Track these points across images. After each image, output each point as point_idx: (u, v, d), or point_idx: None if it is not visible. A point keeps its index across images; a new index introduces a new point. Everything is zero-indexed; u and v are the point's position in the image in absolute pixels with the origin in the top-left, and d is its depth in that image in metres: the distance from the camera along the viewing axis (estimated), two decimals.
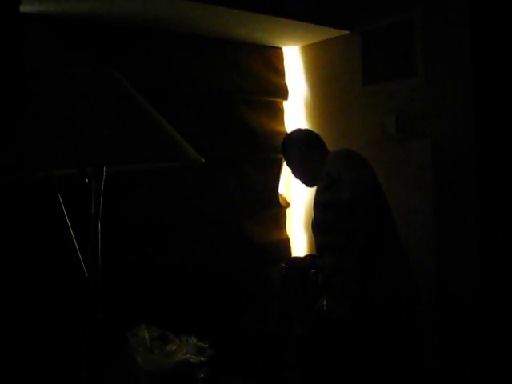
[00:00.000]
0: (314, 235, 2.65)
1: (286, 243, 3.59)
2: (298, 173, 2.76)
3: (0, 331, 2.19)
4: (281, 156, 3.54)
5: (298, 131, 2.85)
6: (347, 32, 3.26)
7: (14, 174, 1.55)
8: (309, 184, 2.76)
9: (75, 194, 1.61)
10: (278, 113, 3.59)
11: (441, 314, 2.85)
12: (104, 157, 1.36)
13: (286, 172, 3.60)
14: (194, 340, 2.40)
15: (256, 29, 3.10)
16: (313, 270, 2.82)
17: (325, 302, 2.51)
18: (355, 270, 2.30)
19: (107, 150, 1.35)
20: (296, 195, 3.64)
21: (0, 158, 1.39)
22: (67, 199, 1.59)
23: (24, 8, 2.21)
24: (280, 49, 3.59)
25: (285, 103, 3.62)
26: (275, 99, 3.56)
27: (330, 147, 2.76)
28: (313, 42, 3.47)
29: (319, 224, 2.55)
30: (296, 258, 3.44)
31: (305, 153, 2.69)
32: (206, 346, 2.37)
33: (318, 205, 2.55)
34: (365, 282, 2.28)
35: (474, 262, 2.73)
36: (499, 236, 2.72)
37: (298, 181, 2.80)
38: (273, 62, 3.54)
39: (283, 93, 3.58)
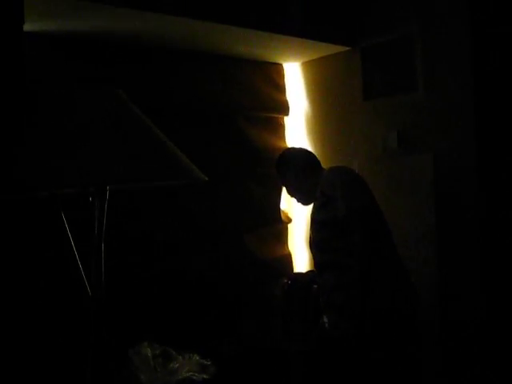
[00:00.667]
0: (312, 253, 2.64)
1: (287, 259, 3.58)
2: (293, 193, 2.74)
3: (6, 350, 2.18)
4: None
5: (294, 152, 2.81)
6: (347, 48, 3.28)
7: (19, 192, 1.55)
8: (304, 203, 2.74)
9: (79, 212, 1.61)
10: (279, 128, 3.60)
11: (444, 323, 2.84)
12: (107, 176, 1.37)
13: None
14: (196, 357, 2.40)
15: (256, 45, 3.12)
16: (315, 286, 2.82)
17: (326, 319, 2.50)
18: (355, 286, 2.30)
19: (110, 170, 1.36)
20: (297, 211, 3.64)
21: (4, 177, 1.40)
22: (71, 217, 1.59)
23: (27, 27, 2.23)
24: (280, 65, 3.61)
25: (286, 119, 3.64)
26: (276, 115, 3.57)
27: (331, 163, 2.76)
28: (313, 58, 3.49)
29: (316, 242, 2.55)
30: (298, 273, 3.43)
31: (300, 177, 2.66)
32: (209, 363, 2.37)
33: (315, 223, 2.54)
34: (365, 297, 2.28)
35: (477, 279, 2.73)
36: (504, 249, 2.72)
37: (294, 200, 2.79)
38: (273, 78, 3.56)
39: (284, 109, 3.60)
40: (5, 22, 1.96)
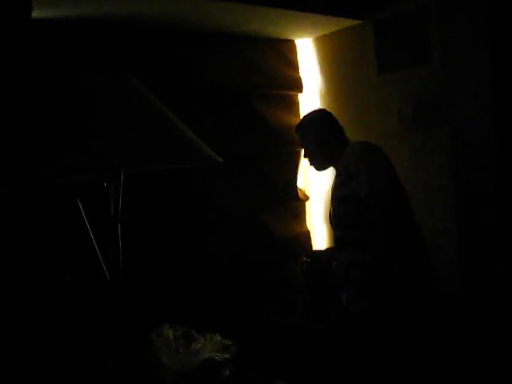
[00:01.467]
0: (332, 228, 2.65)
1: (306, 236, 3.58)
2: (310, 155, 2.72)
3: (25, 335, 2.21)
4: (298, 149, 3.54)
5: (315, 112, 2.81)
6: (360, 21, 3.23)
7: (34, 180, 1.55)
8: (319, 168, 2.73)
9: (94, 198, 1.61)
10: (293, 106, 3.57)
11: (464, 306, 2.83)
12: (120, 162, 1.37)
13: (303, 165, 3.60)
14: (218, 337, 2.41)
15: (268, 23, 3.08)
16: (334, 263, 2.81)
17: (344, 296, 2.50)
18: (373, 264, 2.29)
19: (123, 155, 1.36)
20: (314, 188, 3.63)
21: (20, 165, 1.40)
22: (87, 203, 1.60)
23: (36, 13, 2.22)
24: (293, 41, 3.57)
25: (300, 96, 3.61)
26: (290, 92, 3.54)
27: (351, 139, 2.73)
28: (325, 33, 3.45)
29: (337, 218, 2.55)
30: (317, 251, 3.43)
31: (319, 135, 2.66)
32: (231, 343, 2.38)
33: (336, 199, 2.54)
34: (383, 276, 2.27)
35: (497, 249, 2.71)
36: None
37: (308, 163, 2.78)
38: (286, 55, 3.52)
39: (298, 86, 3.56)
40: (13, 10, 1.96)
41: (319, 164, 2.72)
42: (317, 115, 2.78)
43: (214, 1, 2.55)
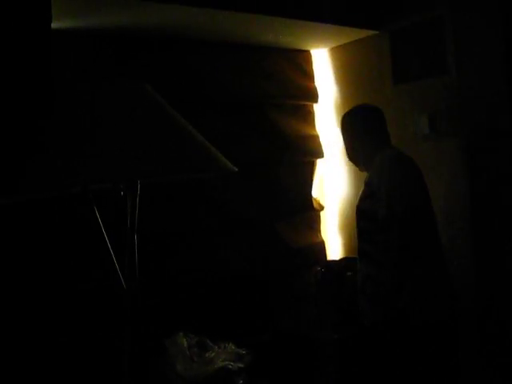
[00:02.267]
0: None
1: (321, 246, 3.57)
2: (346, 148, 2.66)
3: (40, 342, 2.23)
4: (313, 159, 3.55)
5: (360, 108, 2.71)
6: (376, 32, 3.24)
7: (51, 189, 1.57)
8: (357, 164, 2.66)
9: (111, 207, 1.63)
10: (308, 116, 3.58)
11: (481, 321, 2.81)
12: (137, 171, 1.38)
13: (318, 175, 3.60)
14: (232, 347, 2.42)
15: (284, 33, 3.10)
16: (349, 273, 2.81)
17: (359, 305, 2.49)
18: (387, 281, 2.28)
19: (141, 165, 1.37)
20: (329, 198, 3.63)
21: (37, 173, 1.42)
22: (104, 212, 1.61)
23: (55, 24, 2.25)
24: (308, 52, 3.59)
25: (315, 106, 3.62)
26: (305, 102, 3.55)
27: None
28: (341, 43, 3.46)
29: (358, 230, 2.52)
30: (331, 261, 3.43)
31: (355, 134, 2.59)
32: (244, 352, 2.38)
33: (358, 210, 2.51)
34: (398, 292, 2.24)
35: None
36: None
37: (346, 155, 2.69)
38: (302, 66, 3.54)
39: (313, 96, 3.57)
40: (33, 20, 1.99)
41: (354, 161, 2.65)
42: (359, 113, 2.68)
43: (231, 12, 2.58)
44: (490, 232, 2.77)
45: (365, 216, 2.43)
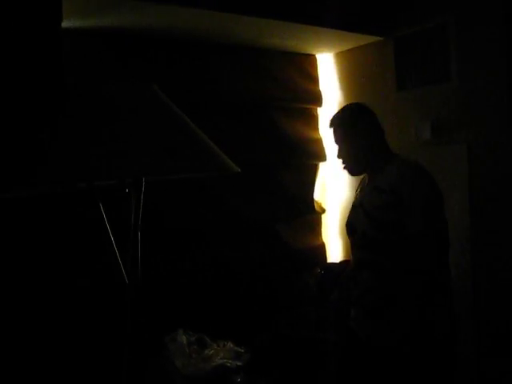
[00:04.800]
0: (352, 243, 2.43)
1: (321, 249, 3.60)
2: (342, 155, 2.38)
3: (42, 337, 2.25)
4: (316, 162, 3.57)
5: (348, 107, 2.48)
6: (380, 38, 3.27)
7: (58, 185, 1.61)
8: (352, 172, 2.41)
9: (116, 203, 1.66)
10: (312, 119, 3.61)
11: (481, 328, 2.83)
12: (142, 169, 1.41)
13: (320, 178, 3.63)
14: (230, 345, 2.45)
15: (290, 37, 3.14)
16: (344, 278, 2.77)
17: (354, 314, 2.44)
18: (391, 294, 2.18)
19: (145, 162, 1.40)
20: (331, 201, 3.66)
21: (44, 170, 1.45)
22: (108, 208, 1.65)
23: (65, 24, 2.29)
24: (313, 56, 3.62)
25: (319, 110, 3.65)
26: (309, 106, 3.58)
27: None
28: (346, 48, 3.49)
29: (362, 238, 2.30)
30: (331, 263, 3.45)
31: (349, 135, 2.34)
32: (243, 350, 2.41)
33: (369, 218, 2.25)
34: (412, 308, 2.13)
35: None
36: None
37: (342, 166, 2.41)
38: (306, 69, 3.57)
39: (317, 99, 3.60)
40: (43, 19, 2.03)
41: (353, 168, 2.39)
42: (347, 112, 2.42)
43: (238, 15, 2.61)
44: (490, 240, 2.79)
45: (382, 225, 2.20)
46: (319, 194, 3.66)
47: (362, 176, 2.49)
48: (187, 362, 2.25)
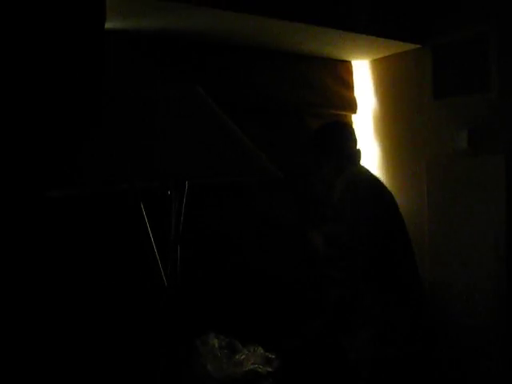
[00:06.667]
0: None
1: None
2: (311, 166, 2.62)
3: (78, 339, 2.26)
4: None
5: (328, 125, 2.71)
6: (418, 46, 3.24)
7: (101, 186, 1.62)
8: (320, 183, 2.63)
9: (157, 205, 1.66)
10: None
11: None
12: (186, 171, 1.41)
13: None
14: (261, 350, 2.44)
15: (326, 43, 3.13)
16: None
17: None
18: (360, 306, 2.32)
19: (190, 165, 1.40)
20: None
21: (86, 169, 1.47)
22: (150, 209, 1.65)
23: (109, 24, 2.31)
24: (349, 62, 3.60)
25: (353, 117, 3.62)
26: (344, 112, 3.56)
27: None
28: (383, 55, 3.47)
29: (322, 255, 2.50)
30: None
31: (316, 155, 2.57)
32: (273, 356, 2.40)
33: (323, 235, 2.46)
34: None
35: None
36: None
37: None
38: (342, 76, 3.55)
39: (352, 106, 3.58)
40: (87, 20, 2.05)
41: (320, 185, 2.61)
42: (317, 131, 2.65)
43: (277, 19, 2.61)
44: None
45: (329, 241, 2.38)
46: None
47: None
48: (218, 366, 2.24)
